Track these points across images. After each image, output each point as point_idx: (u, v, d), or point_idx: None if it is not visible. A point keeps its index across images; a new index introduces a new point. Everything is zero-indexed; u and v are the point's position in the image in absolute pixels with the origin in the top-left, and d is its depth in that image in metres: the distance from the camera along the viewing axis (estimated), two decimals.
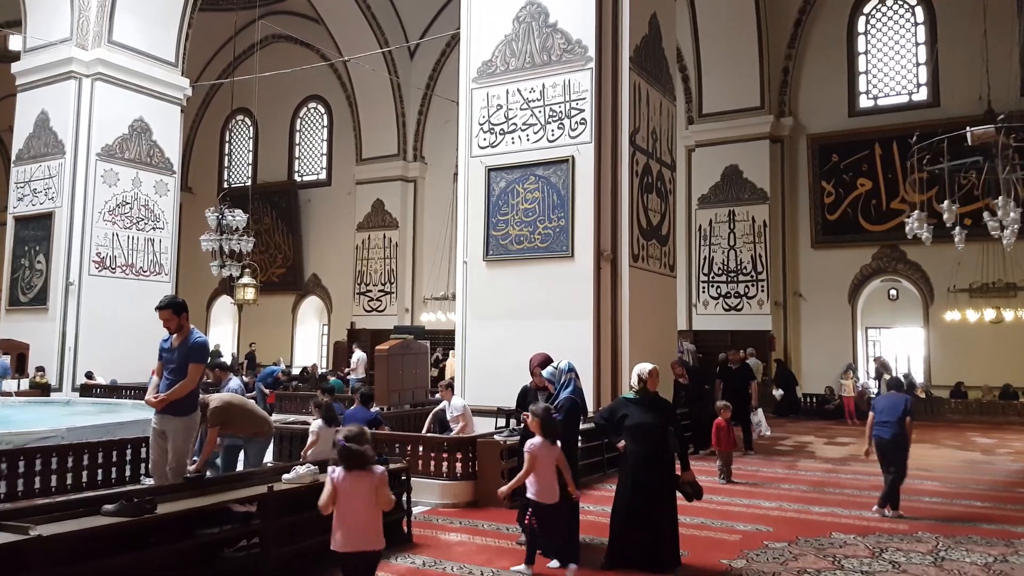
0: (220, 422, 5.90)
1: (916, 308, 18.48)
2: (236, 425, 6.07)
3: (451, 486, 6.86)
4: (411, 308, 23.24)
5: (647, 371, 5.14)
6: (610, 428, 5.33)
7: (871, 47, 19.09)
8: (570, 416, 5.32)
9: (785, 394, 16.72)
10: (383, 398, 9.37)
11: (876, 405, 7.11)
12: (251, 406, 6.37)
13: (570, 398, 5.40)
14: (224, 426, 5.94)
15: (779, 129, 19.19)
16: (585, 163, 10.03)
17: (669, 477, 5.01)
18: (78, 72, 15.38)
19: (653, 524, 4.91)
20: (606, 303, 9.94)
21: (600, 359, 9.68)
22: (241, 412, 6.13)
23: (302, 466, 4.73)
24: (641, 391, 5.12)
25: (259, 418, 6.31)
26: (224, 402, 6.00)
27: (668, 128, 11.54)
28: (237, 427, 6.09)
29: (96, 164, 15.40)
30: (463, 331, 10.66)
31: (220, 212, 9.22)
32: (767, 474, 8.78)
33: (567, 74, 10.24)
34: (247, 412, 6.21)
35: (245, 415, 6.16)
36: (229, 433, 6.12)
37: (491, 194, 10.54)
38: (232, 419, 6.00)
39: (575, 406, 5.40)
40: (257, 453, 6.25)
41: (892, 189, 18.32)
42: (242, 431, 6.18)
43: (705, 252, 19.48)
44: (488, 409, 9.74)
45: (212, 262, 9.91)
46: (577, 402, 5.44)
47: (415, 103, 23.48)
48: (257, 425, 6.24)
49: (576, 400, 5.43)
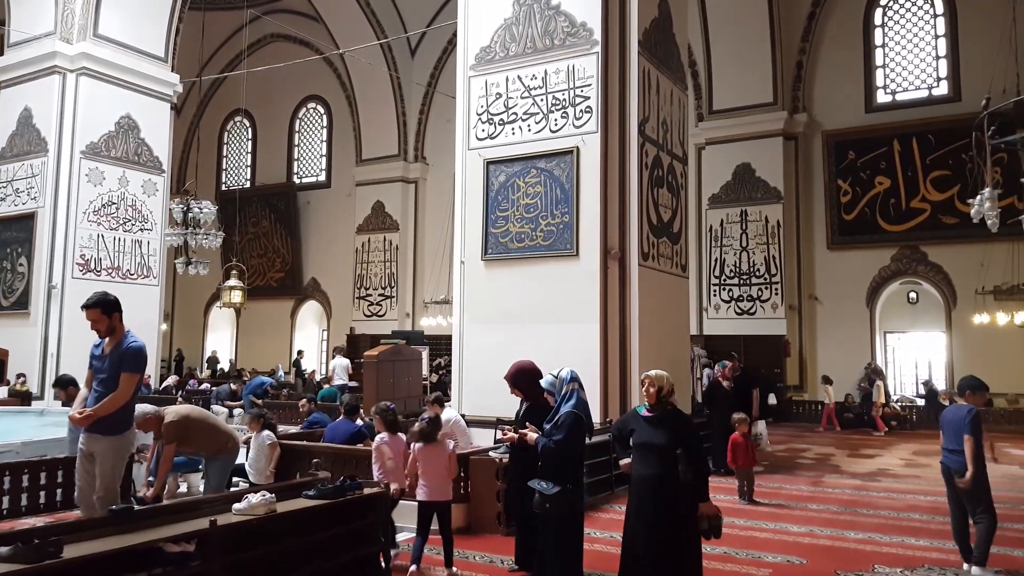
0: (176, 438, 5.19)
1: (937, 312, 17.70)
2: (196, 441, 5.36)
3: None
4: (412, 313, 22.56)
5: (643, 379, 4.40)
6: (619, 444, 4.61)
7: (888, 40, 18.35)
8: (573, 434, 4.52)
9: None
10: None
11: (942, 421, 5.54)
12: (213, 420, 5.64)
13: (572, 413, 4.58)
14: (182, 443, 5.23)
15: (793, 126, 18.47)
16: (591, 154, 9.31)
17: (678, 506, 4.18)
18: (62, 67, 14.76)
19: (661, 559, 4.14)
20: (613, 305, 9.20)
21: (608, 366, 8.93)
22: (201, 427, 5.41)
23: (256, 494, 4.00)
24: (656, 404, 4.36)
25: (222, 433, 5.59)
26: (181, 416, 5.29)
27: (680, 118, 10.81)
28: (197, 444, 5.39)
29: (80, 162, 14.75)
30: (460, 336, 9.94)
31: (186, 204, 8.53)
32: (791, 492, 8.01)
33: (571, 59, 9.53)
34: (208, 427, 5.48)
35: (206, 430, 5.44)
36: (189, 451, 5.42)
37: (490, 189, 9.84)
38: (191, 435, 5.29)
39: (578, 422, 4.58)
40: (219, 473, 5.53)
41: (912, 187, 17.55)
42: (203, 448, 5.47)
43: (716, 254, 18.75)
44: (487, 420, 8.99)
45: (177, 259, 9.20)
46: (581, 417, 4.61)
47: (416, 102, 22.88)
48: (219, 441, 5.52)
49: (580, 415, 4.61)
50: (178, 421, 5.22)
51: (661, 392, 4.33)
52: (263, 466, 6.79)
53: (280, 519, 3.99)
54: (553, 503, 4.49)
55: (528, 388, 4.94)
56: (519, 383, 4.96)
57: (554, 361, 5.49)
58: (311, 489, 4.41)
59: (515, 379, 4.97)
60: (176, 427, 5.18)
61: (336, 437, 6.97)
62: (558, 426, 4.60)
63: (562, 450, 4.55)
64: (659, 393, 4.33)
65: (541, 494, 4.50)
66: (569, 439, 4.56)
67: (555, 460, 4.57)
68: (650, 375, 4.38)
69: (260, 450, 6.81)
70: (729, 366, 9.49)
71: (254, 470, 6.74)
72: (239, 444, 5.66)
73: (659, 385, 4.33)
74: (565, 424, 4.59)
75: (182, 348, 26.70)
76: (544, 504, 4.52)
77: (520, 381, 4.95)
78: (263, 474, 6.78)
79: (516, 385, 4.97)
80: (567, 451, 4.57)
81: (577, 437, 4.60)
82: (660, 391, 4.33)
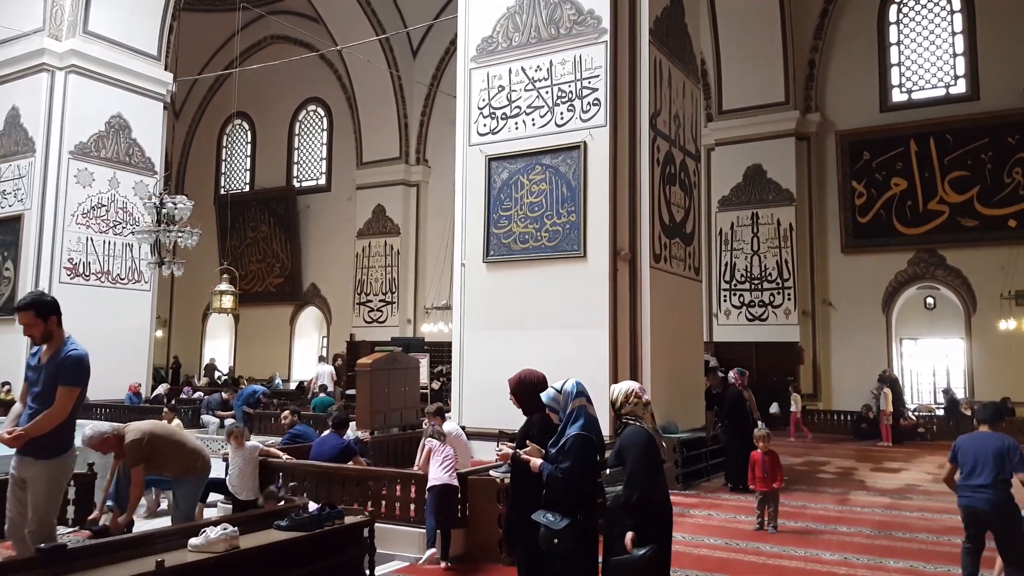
0: (141, 458, 4.63)
1: (956, 317, 17.09)
2: (161, 461, 4.80)
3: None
4: (413, 319, 22.00)
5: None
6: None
7: (904, 37, 17.80)
8: (583, 459, 3.82)
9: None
10: (365, 421, 8.09)
11: (959, 451, 4.67)
12: (180, 436, 5.06)
13: (580, 436, 3.86)
14: (148, 463, 4.66)
15: (805, 126, 17.91)
16: (599, 149, 8.76)
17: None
18: (51, 65, 14.30)
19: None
20: (624, 310, 8.64)
21: (617, 376, 8.35)
22: (166, 445, 4.84)
23: (217, 527, 3.43)
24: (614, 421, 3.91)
25: (190, 451, 5.01)
26: (143, 433, 4.72)
27: (692, 113, 10.26)
28: (162, 464, 4.82)
29: (69, 163, 14.28)
30: (460, 343, 9.38)
31: (159, 199, 8.00)
32: (817, 512, 7.40)
33: (578, 49, 8.99)
34: (174, 444, 4.91)
35: (172, 448, 4.87)
36: (152, 473, 4.86)
37: (492, 187, 9.29)
38: (155, 454, 4.73)
39: (588, 446, 3.85)
40: (188, 497, 4.95)
41: (929, 189, 16.95)
42: (169, 469, 4.90)
43: (726, 258, 18.17)
44: (488, 432, 8.45)
45: (149, 259, 8.64)
46: (591, 439, 3.89)
47: (418, 104, 22.40)
48: (188, 461, 4.94)
49: (589, 438, 3.89)
50: (140, 439, 4.65)
51: (615, 407, 3.87)
52: (249, 483, 6.25)
53: (244, 557, 3.42)
54: (562, 538, 3.87)
55: (527, 401, 4.35)
56: (518, 394, 4.37)
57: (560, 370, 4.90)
58: (283, 519, 3.84)
59: (515, 389, 4.39)
60: (139, 446, 4.62)
61: (322, 454, 6.39)
62: (565, 451, 3.96)
63: (571, 479, 3.90)
64: (612, 407, 3.88)
65: (548, 528, 3.89)
66: (578, 466, 3.87)
67: (564, 490, 3.95)
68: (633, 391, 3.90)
69: (247, 464, 6.27)
70: (747, 373, 8.81)
71: (238, 486, 6.20)
72: (209, 463, 5.10)
73: (610, 399, 3.90)
74: (573, 449, 3.90)
75: (179, 356, 26.19)
76: (552, 540, 3.90)
77: (520, 392, 4.35)
78: (249, 490, 6.25)
79: (515, 396, 4.39)
80: (576, 479, 3.93)
81: (587, 463, 3.91)
82: (613, 406, 3.89)
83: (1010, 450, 4.47)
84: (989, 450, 4.49)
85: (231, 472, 6.31)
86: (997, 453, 4.47)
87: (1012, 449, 4.48)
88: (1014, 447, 4.52)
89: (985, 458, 4.48)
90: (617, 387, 3.98)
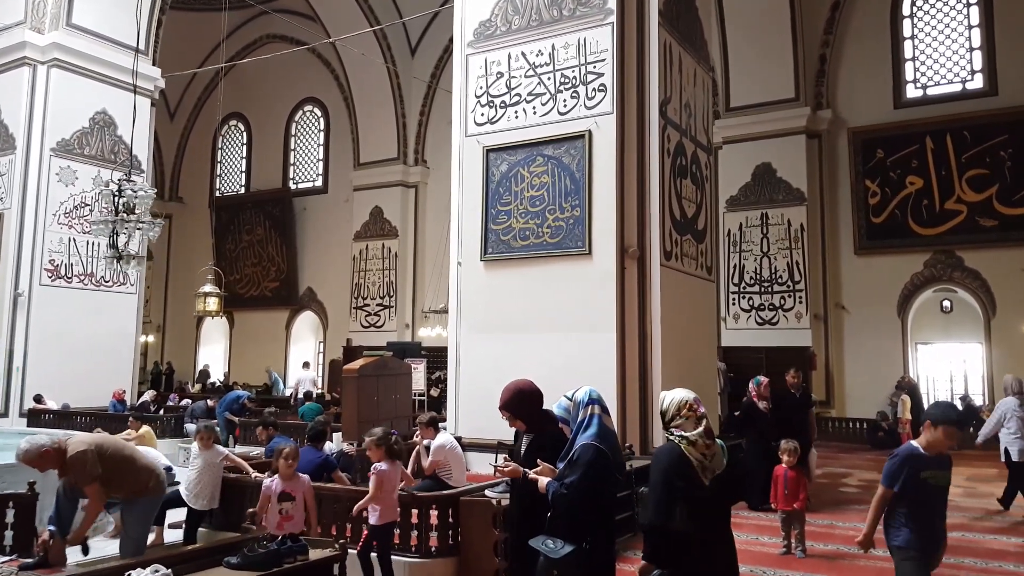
0: (91, 475, 4.00)
1: (973, 321, 16.46)
2: (108, 480, 4.16)
3: (422, 566, 4.85)
4: (412, 323, 21.41)
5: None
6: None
7: (918, 31, 17.21)
8: (592, 473, 3.27)
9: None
10: (352, 432, 7.47)
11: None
12: (130, 452, 4.40)
13: (590, 446, 3.34)
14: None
15: (816, 123, 17.31)
16: (605, 139, 8.15)
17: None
18: (32, 58, 13.74)
19: None
20: (632, 311, 8.02)
21: (626, 383, 7.74)
22: (114, 461, 4.21)
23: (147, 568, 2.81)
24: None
25: (141, 469, 4.36)
26: (88, 445, 4.07)
27: (704, 103, 9.65)
28: (110, 483, 4.18)
29: (51, 160, 13.72)
30: (456, 347, 8.75)
31: (118, 185, 7.38)
32: (847, 532, 6.73)
33: (582, 31, 8.39)
34: (123, 461, 4.26)
35: (120, 465, 4.23)
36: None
37: (490, 180, 8.69)
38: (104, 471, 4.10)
39: (600, 458, 3.32)
40: (139, 521, 4.31)
41: (946, 187, 16.32)
42: (118, 489, 4.26)
43: (735, 260, 17.54)
44: (486, 443, 7.83)
45: (106, 253, 8.02)
46: (603, 452, 3.35)
47: (416, 104, 21.88)
48: (139, 480, 4.31)
49: (601, 449, 3.35)
50: (84, 454, 4.02)
51: (664, 418, 3.44)
52: (207, 491, 5.64)
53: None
54: (563, 568, 3.29)
55: (531, 415, 3.71)
56: (520, 410, 3.68)
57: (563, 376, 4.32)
58: (235, 554, 3.21)
59: (514, 405, 3.70)
60: (84, 461, 3.99)
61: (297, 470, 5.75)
62: (572, 464, 3.39)
63: (578, 496, 3.32)
64: (661, 418, 3.44)
65: (547, 557, 3.30)
66: (587, 481, 3.31)
67: (569, 509, 3.36)
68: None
69: (207, 469, 5.66)
70: (764, 382, 8.08)
71: (193, 492, 5.56)
72: (164, 481, 4.46)
73: (660, 409, 3.46)
74: (582, 461, 3.35)
75: (173, 361, 25.60)
76: (550, 570, 3.32)
77: (520, 407, 3.68)
78: (206, 499, 5.64)
79: (516, 413, 3.70)
80: (585, 497, 3.34)
81: (598, 478, 3.33)
82: (663, 417, 3.43)
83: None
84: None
85: (188, 475, 5.68)
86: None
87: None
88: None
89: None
90: (669, 395, 3.39)
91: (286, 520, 4.33)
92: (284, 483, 4.56)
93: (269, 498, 4.46)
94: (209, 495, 5.69)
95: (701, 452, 3.19)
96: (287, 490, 4.50)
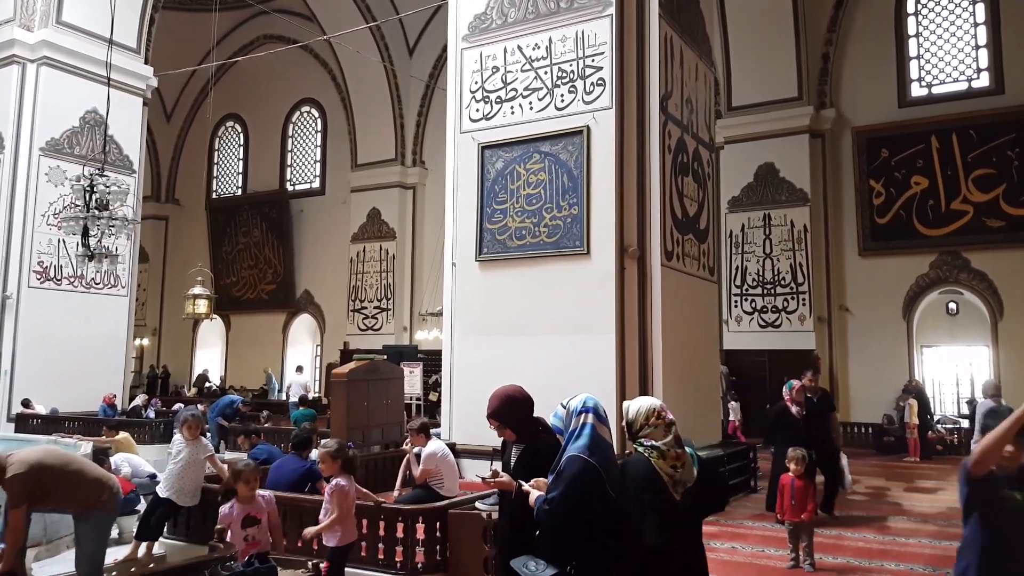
0: (28, 497, 3.70)
1: (980, 324, 16.16)
2: (58, 495, 3.85)
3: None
4: (410, 326, 21.13)
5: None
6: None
7: (923, 29, 16.94)
8: (578, 489, 2.94)
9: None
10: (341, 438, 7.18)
11: None
12: (78, 465, 4.04)
13: (577, 458, 2.99)
14: (39, 500, 3.74)
15: (819, 122, 17.04)
16: (604, 135, 7.89)
17: None
18: (21, 56, 13.50)
19: None
20: (632, 313, 7.75)
21: (625, 387, 7.46)
22: (60, 476, 3.86)
23: None
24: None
25: (90, 482, 4.01)
26: (29, 465, 3.73)
27: (706, 98, 9.38)
28: (59, 498, 3.88)
29: (40, 160, 13.46)
30: (451, 350, 8.48)
31: (90, 180, 7.10)
32: (856, 544, 6.46)
33: (580, 24, 8.13)
34: (71, 475, 3.92)
35: (67, 480, 3.89)
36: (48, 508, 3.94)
37: (485, 178, 8.43)
38: (46, 488, 3.79)
39: (587, 472, 2.97)
40: (94, 537, 3.99)
41: (952, 187, 16.03)
42: (66, 504, 3.95)
43: (737, 261, 17.25)
44: (481, 450, 7.58)
45: (78, 251, 7.75)
46: (590, 466, 2.98)
47: (414, 104, 21.65)
48: (90, 494, 3.98)
49: (587, 461, 2.98)
50: (25, 473, 3.68)
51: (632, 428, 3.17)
52: (190, 487, 5.38)
53: None
54: None
55: (521, 424, 3.42)
56: (510, 419, 3.39)
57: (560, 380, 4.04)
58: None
59: (503, 413, 3.40)
60: (23, 482, 3.66)
61: (280, 480, 5.48)
62: (558, 477, 3.07)
63: (561, 513, 2.98)
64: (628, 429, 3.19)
65: None
66: (571, 497, 2.96)
67: (552, 527, 3.05)
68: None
69: (191, 464, 5.41)
70: (797, 386, 7.30)
71: (175, 488, 5.30)
72: (117, 493, 4.15)
73: (626, 419, 3.21)
74: (566, 474, 3.00)
75: (169, 365, 25.32)
76: None
77: (511, 415, 3.38)
78: (189, 495, 5.38)
79: (505, 421, 3.40)
80: (569, 514, 3.00)
81: (585, 492, 2.98)
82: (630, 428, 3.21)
83: None
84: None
85: (170, 468, 5.41)
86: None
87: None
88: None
89: None
90: (634, 404, 3.10)
91: (252, 547, 4.04)
92: (245, 507, 4.21)
93: (229, 524, 4.16)
94: (192, 491, 5.43)
95: (672, 464, 2.96)
96: (252, 514, 4.18)
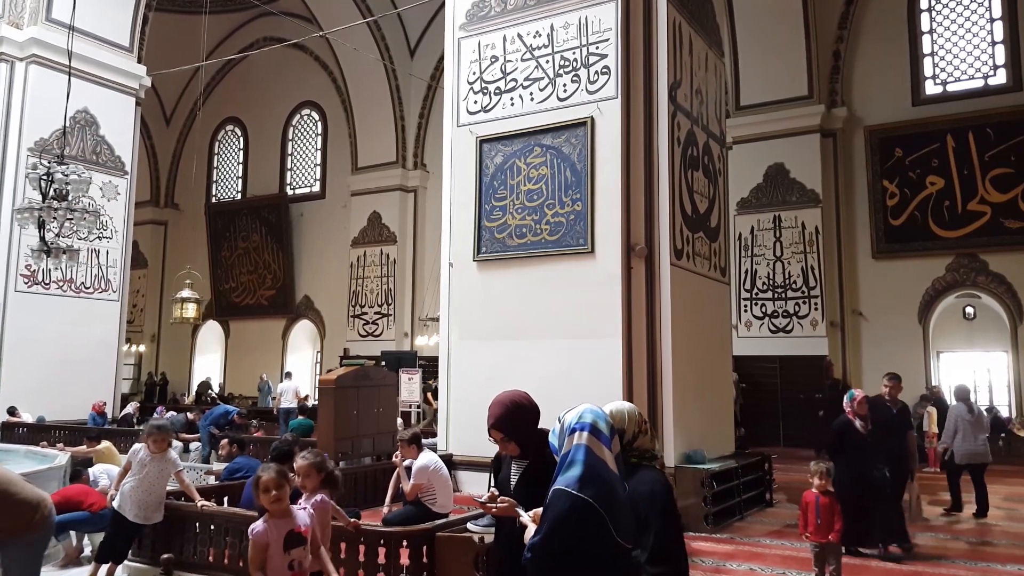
0: None
1: (999, 328, 15.65)
2: None
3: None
4: (411, 332, 20.69)
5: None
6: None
7: (937, 25, 16.48)
8: (559, 532, 2.32)
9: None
10: (328, 449, 6.71)
11: None
12: (6, 483, 3.55)
13: (562, 493, 2.34)
14: None
15: (831, 121, 16.57)
16: (609, 126, 7.45)
17: None
18: (9, 54, 13.17)
19: None
20: (639, 315, 7.28)
21: (633, 394, 6.97)
22: None
23: None
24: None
25: (20, 504, 3.50)
26: None
27: (716, 89, 8.94)
28: None
29: (28, 161, 13.03)
30: (447, 355, 8.02)
31: (47, 168, 6.68)
32: (887, 566, 5.95)
33: (583, 9, 7.70)
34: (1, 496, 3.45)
35: None
36: None
37: (484, 173, 7.98)
38: None
39: (573, 513, 2.32)
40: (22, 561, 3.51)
41: (969, 187, 15.54)
42: None
43: (747, 264, 16.76)
44: (480, 461, 7.10)
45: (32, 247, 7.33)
46: (581, 503, 2.31)
47: (415, 107, 21.29)
48: (20, 515, 3.49)
49: (577, 498, 2.31)
50: None
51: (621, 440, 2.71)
52: (154, 502, 4.98)
53: None
54: None
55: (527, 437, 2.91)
56: (516, 431, 2.87)
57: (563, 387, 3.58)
58: None
59: (507, 423, 2.87)
60: None
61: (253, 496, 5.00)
62: (544, 515, 2.48)
63: (544, 561, 2.36)
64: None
65: None
66: (552, 543, 2.33)
67: (532, 573, 2.48)
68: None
69: (159, 479, 5.07)
70: (859, 397, 6.37)
71: (136, 505, 4.92)
72: (50, 515, 3.67)
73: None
74: (550, 516, 2.36)
75: (167, 372, 24.91)
76: None
77: (516, 427, 2.86)
78: (151, 510, 4.97)
79: (509, 434, 2.88)
80: (552, 563, 2.35)
81: (572, 537, 2.32)
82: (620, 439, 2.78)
83: None
84: None
85: (129, 483, 5.01)
86: None
87: None
88: None
89: None
90: (617, 410, 2.66)
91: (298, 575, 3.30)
92: (279, 521, 3.37)
93: (266, 548, 3.30)
94: (155, 507, 5.03)
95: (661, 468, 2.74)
96: (295, 529, 3.37)
